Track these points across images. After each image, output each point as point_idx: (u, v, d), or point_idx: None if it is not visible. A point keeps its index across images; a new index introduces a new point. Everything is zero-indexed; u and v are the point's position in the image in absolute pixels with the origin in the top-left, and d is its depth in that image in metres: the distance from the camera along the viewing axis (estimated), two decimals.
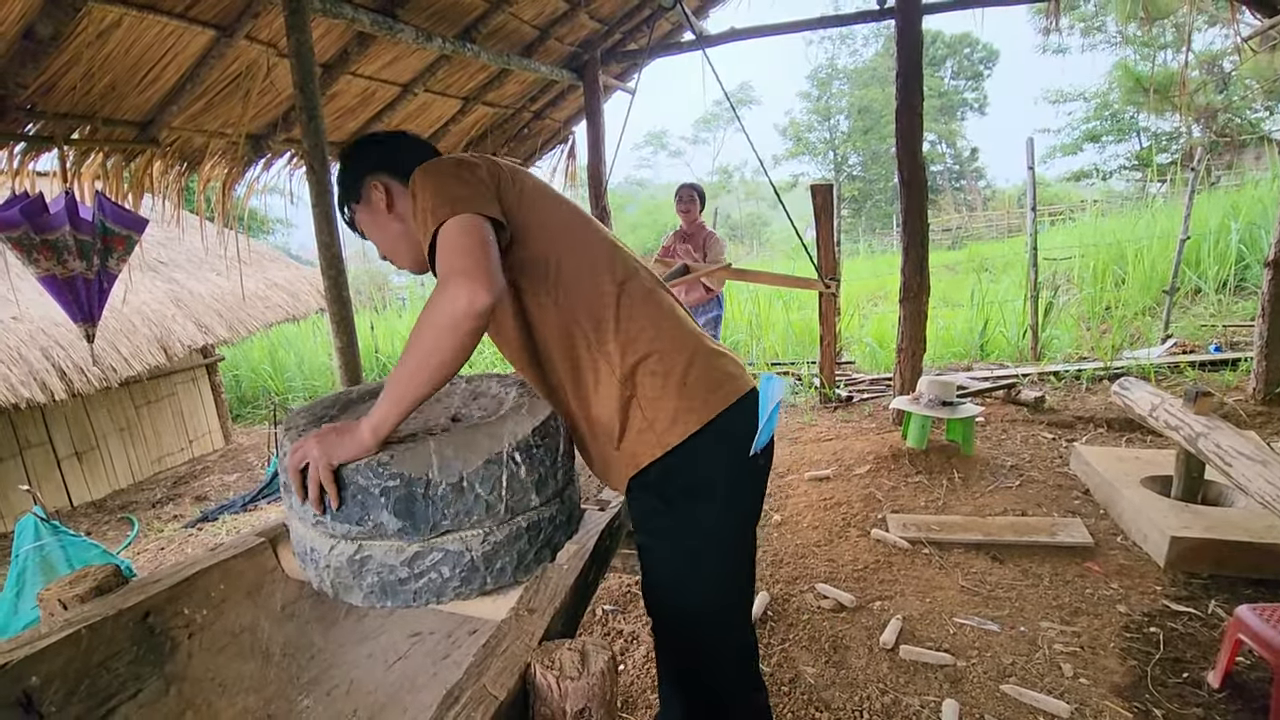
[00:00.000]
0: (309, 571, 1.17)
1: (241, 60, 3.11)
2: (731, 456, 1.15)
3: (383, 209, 1.24)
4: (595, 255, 1.20)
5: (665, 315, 1.19)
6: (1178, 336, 5.84)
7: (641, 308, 1.17)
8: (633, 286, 1.19)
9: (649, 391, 1.13)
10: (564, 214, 1.22)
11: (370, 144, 1.29)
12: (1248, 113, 13.84)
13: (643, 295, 1.19)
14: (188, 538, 4.13)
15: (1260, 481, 2.01)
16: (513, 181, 1.18)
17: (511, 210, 1.14)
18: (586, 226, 1.24)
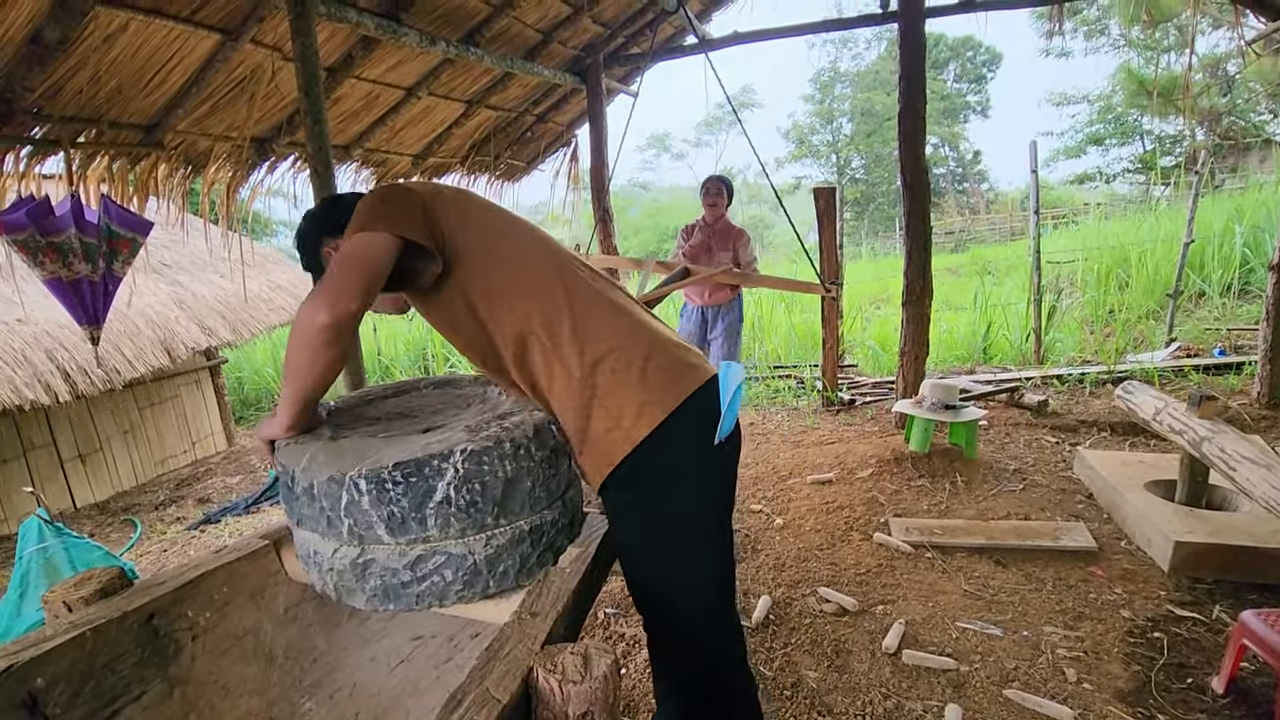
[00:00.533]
0: (312, 574, 1.17)
1: (246, 64, 3.13)
2: (699, 444, 1.16)
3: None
4: (541, 263, 1.22)
5: (619, 312, 1.20)
6: (1182, 340, 5.83)
7: (594, 308, 1.19)
8: (581, 289, 1.21)
9: (610, 388, 1.14)
10: (506, 227, 1.26)
11: (312, 218, 1.36)
12: (1252, 116, 13.81)
13: (593, 296, 1.20)
14: (190, 540, 4.14)
15: (1265, 486, 2.00)
16: (454, 203, 1.22)
17: (453, 230, 1.19)
18: (530, 237, 1.27)
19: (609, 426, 1.13)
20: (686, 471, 1.16)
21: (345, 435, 1.22)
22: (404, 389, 1.59)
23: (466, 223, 1.21)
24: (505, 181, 5.84)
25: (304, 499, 1.09)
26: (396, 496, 1.04)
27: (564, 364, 1.15)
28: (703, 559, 1.22)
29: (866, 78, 28.37)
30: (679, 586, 1.21)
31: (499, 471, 1.10)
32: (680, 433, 1.13)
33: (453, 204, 1.22)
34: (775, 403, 5.52)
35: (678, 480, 1.16)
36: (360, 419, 1.35)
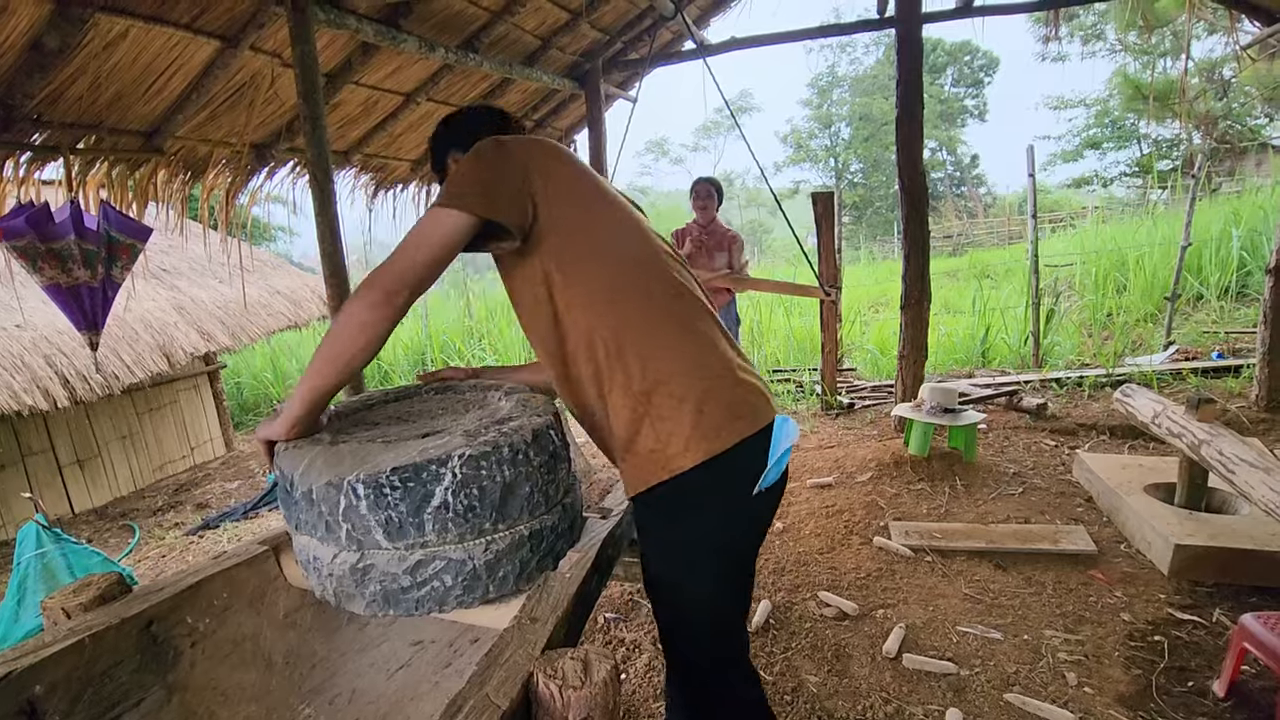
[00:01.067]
0: (311, 580, 1.17)
1: (246, 70, 3.14)
2: (736, 489, 1.15)
3: None
4: (628, 266, 1.19)
5: (691, 337, 1.17)
6: (1180, 343, 5.84)
7: (666, 327, 1.16)
8: (659, 305, 1.17)
9: (663, 413, 1.12)
10: (599, 211, 1.21)
11: (444, 126, 1.40)
12: (1248, 120, 13.87)
13: (668, 314, 1.17)
14: (189, 545, 4.13)
15: (1264, 489, 2.00)
16: (548, 175, 1.17)
17: (542, 204, 1.15)
18: (622, 226, 1.22)
19: (654, 448, 1.13)
20: (717, 513, 1.16)
21: (344, 440, 1.22)
22: (404, 394, 1.59)
23: (562, 204, 1.17)
24: None
25: (303, 504, 1.09)
26: (394, 501, 1.04)
27: (626, 373, 1.14)
28: (715, 593, 1.22)
29: (865, 82, 28.47)
30: (689, 608, 1.23)
31: (497, 476, 1.10)
32: (720, 475, 1.12)
33: (553, 181, 1.17)
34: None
35: (706, 519, 1.16)
36: (360, 424, 1.35)
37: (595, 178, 1.26)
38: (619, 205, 1.25)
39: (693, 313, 1.20)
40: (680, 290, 1.21)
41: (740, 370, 1.20)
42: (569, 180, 1.20)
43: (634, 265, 1.19)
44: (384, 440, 1.21)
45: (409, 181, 4.98)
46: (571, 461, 1.36)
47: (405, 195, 5.04)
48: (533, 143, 1.22)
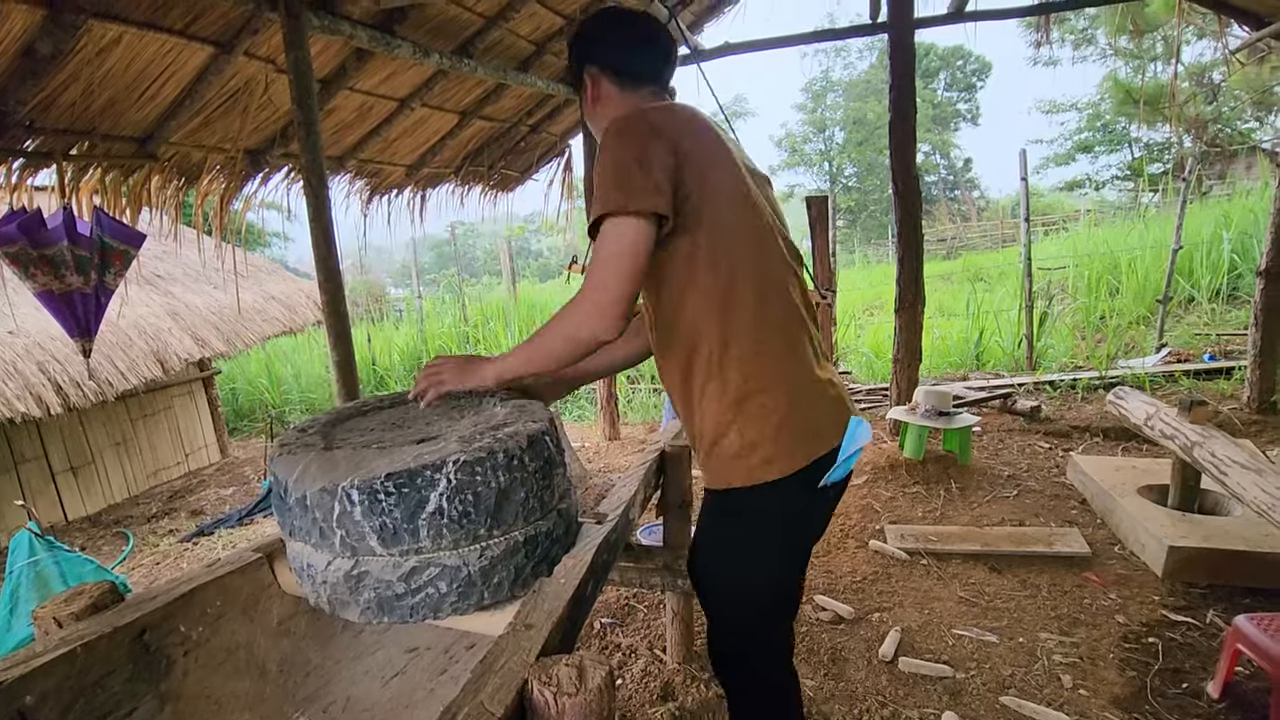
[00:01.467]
0: (305, 587, 1.16)
1: (240, 76, 3.13)
2: (802, 501, 1.22)
3: (590, 100, 1.33)
4: (746, 276, 1.17)
5: (790, 349, 1.20)
6: (1172, 345, 5.87)
7: (771, 340, 1.18)
8: (772, 314, 1.18)
9: (751, 422, 1.17)
10: (729, 209, 1.17)
11: (574, 40, 1.35)
12: (1237, 123, 13.97)
13: (775, 328, 1.19)
14: (183, 552, 4.11)
15: (1256, 490, 2.02)
16: (690, 165, 1.13)
17: (690, 205, 1.13)
18: (751, 237, 1.19)
19: (736, 454, 1.18)
20: (779, 521, 1.23)
21: (339, 446, 1.22)
22: (399, 400, 1.58)
23: (697, 195, 1.13)
24: (499, 191, 5.85)
25: (296, 510, 1.09)
26: (389, 507, 1.04)
27: (723, 380, 1.17)
28: (767, 584, 1.29)
29: (858, 87, 28.60)
30: (731, 599, 1.32)
31: (492, 482, 1.09)
32: (791, 489, 1.18)
33: (698, 171, 1.14)
34: None
35: (768, 525, 1.23)
36: (355, 430, 1.35)
37: (740, 178, 1.21)
38: (753, 210, 1.21)
39: (796, 328, 1.22)
40: (790, 307, 1.22)
41: (825, 385, 1.23)
42: (706, 169, 1.15)
43: (753, 281, 1.17)
44: (379, 446, 1.20)
45: (404, 187, 4.97)
46: (567, 467, 1.36)
47: (400, 200, 5.03)
48: (676, 126, 1.15)
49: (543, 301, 9.39)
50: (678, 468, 2.03)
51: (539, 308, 9.07)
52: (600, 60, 1.30)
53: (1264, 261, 3.96)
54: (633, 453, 4.66)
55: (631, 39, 1.32)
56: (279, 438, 1.26)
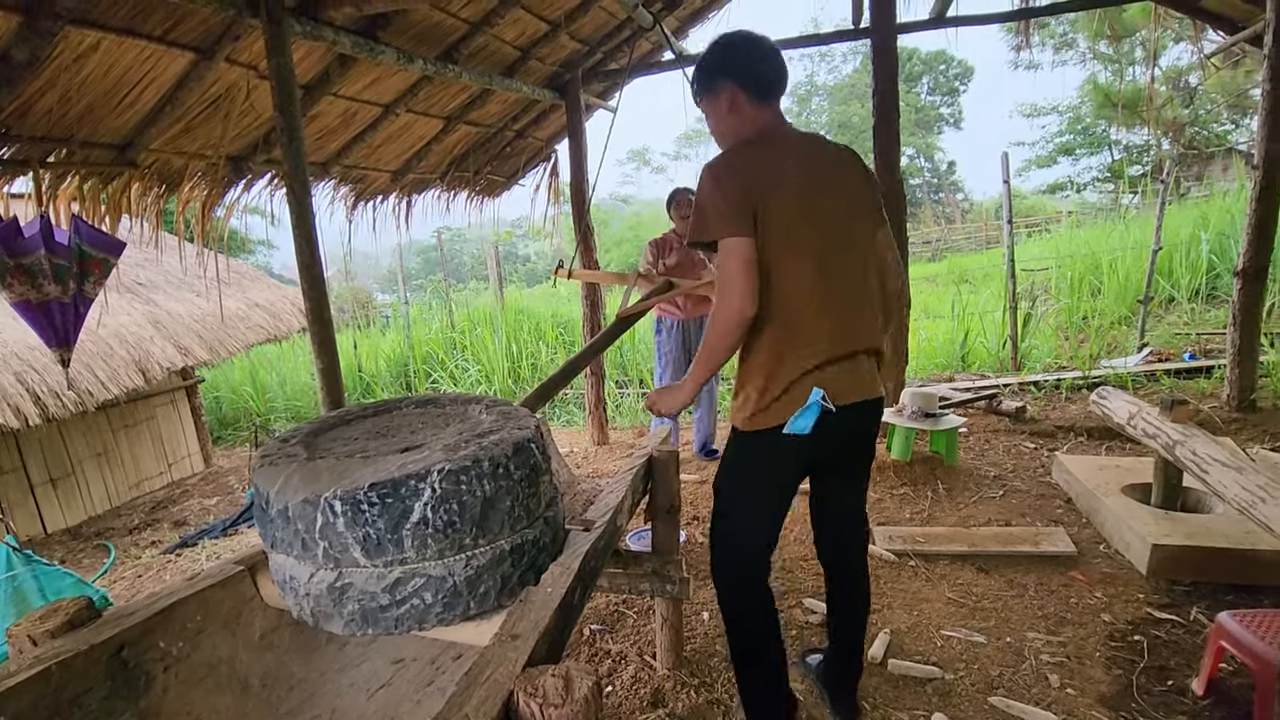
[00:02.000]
0: (288, 600, 1.15)
1: (221, 82, 3.10)
2: (775, 450, 1.62)
3: (725, 111, 1.65)
4: (778, 270, 1.53)
5: (792, 333, 1.56)
6: (1153, 345, 5.95)
7: (795, 343, 1.55)
8: (790, 303, 1.54)
9: (758, 387, 1.59)
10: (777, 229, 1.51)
11: (734, 54, 1.65)
12: (1214, 126, 14.21)
13: (804, 323, 1.55)
14: (166, 564, 4.05)
15: (1236, 488, 2.04)
16: (756, 198, 1.50)
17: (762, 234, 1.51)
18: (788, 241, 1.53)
19: (738, 407, 1.65)
20: (760, 459, 1.67)
21: (322, 456, 1.20)
22: (385, 408, 1.57)
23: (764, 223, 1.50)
24: (485, 196, 5.83)
25: (278, 521, 1.07)
26: (372, 518, 1.03)
27: (754, 349, 1.59)
28: (747, 508, 1.73)
29: (843, 90, 28.83)
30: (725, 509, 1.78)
31: (477, 491, 1.09)
32: (764, 442, 1.62)
33: (762, 203, 1.50)
34: None
35: (753, 460, 1.69)
36: (338, 439, 1.34)
37: (792, 201, 1.53)
38: (795, 227, 1.53)
39: (808, 318, 1.55)
40: (806, 302, 1.55)
41: (821, 369, 1.56)
42: (774, 203, 1.51)
43: (781, 282, 1.53)
44: (362, 456, 1.19)
45: (389, 193, 4.95)
46: (554, 474, 1.36)
47: (385, 206, 5.00)
48: (761, 164, 1.54)
49: (530, 307, 9.36)
50: (665, 473, 2.03)
51: (526, 313, 9.04)
52: (740, 76, 1.61)
53: (1241, 262, 4.02)
54: (621, 458, 4.65)
55: (763, 59, 1.64)
56: (261, 448, 1.25)
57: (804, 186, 1.54)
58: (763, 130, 1.62)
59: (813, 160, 1.61)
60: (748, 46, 1.65)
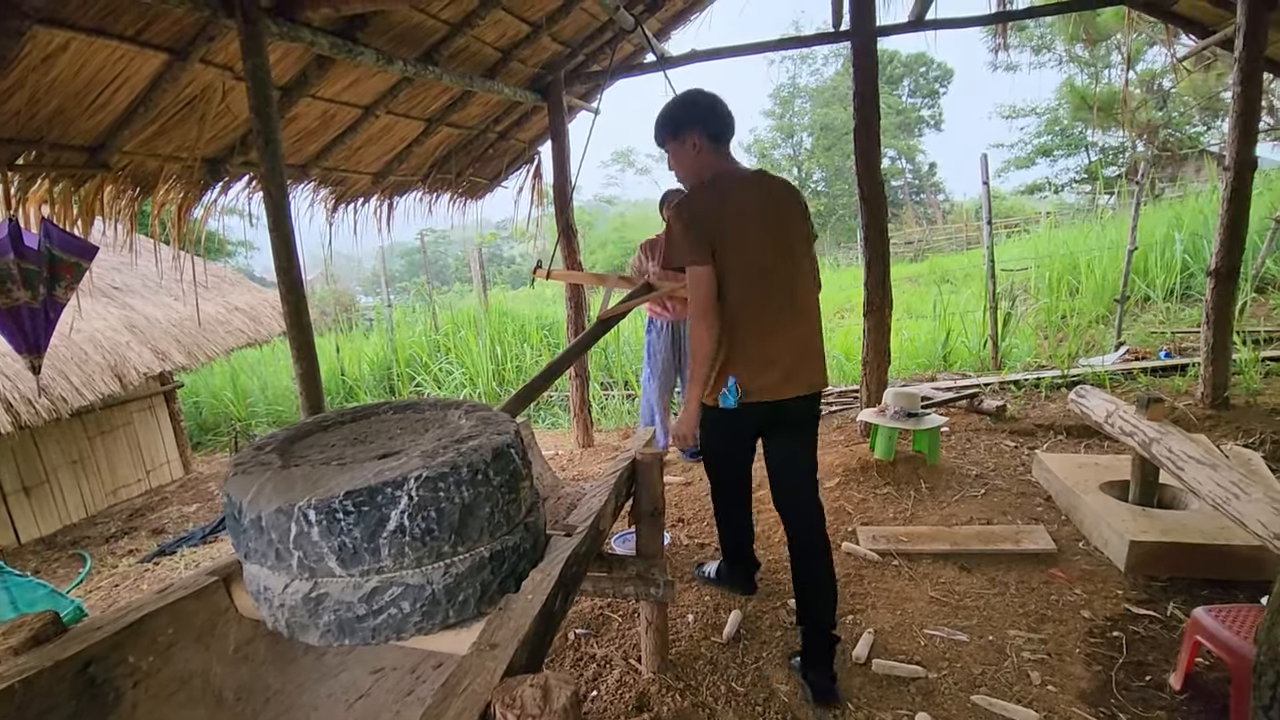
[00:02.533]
0: (263, 611, 1.13)
1: (196, 84, 3.05)
2: (720, 419, 2.14)
3: (691, 153, 2.08)
4: (735, 289, 1.98)
5: (743, 340, 2.01)
6: (1130, 344, 6.04)
7: (736, 333, 2.01)
8: (746, 315, 1.99)
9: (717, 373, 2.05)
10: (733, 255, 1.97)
11: (697, 108, 2.08)
12: (1186, 128, 14.49)
13: (742, 324, 2.00)
14: (144, 573, 3.97)
15: (1210, 484, 2.07)
16: (715, 231, 1.95)
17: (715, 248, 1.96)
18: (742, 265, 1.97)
19: (712, 390, 2.07)
20: (710, 423, 2.21)
21: (297, 464, 1.18)
22: (363, 413, 1.55)
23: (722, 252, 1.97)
24: (468, 199, 5.80)
25: (252, 531, 1.05)
26: (348, 527, 1.01)
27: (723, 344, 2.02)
28: (711, 453, 2.41)
29: (825, 93, 29.02)
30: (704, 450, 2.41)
31: (456, 498, 1.07)
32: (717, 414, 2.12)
33: (720, 234, 1.95)
34: None
35: (710, 423, 2.21)
36: (315, 446, 1.32)
37: (747, 233, 1.98)
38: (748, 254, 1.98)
39: (762, 329, 2.00)
40: (760, 314, 2.00)
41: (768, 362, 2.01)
42: (731, 237, 1.96)
43: (738, 298, 1.98)
44: (339, 463, 1.17)
45: (370, 195, 4.90)
46: (535, 479, 1.35)
47: (367, 209, 4.95)
48: (714, 206, 1.98)
49: (515, 309, 9.32)
50: (649, 476, 2.02)
51: (511, 316, 9.00)
52: (702, 125, 2.05)
53: (1214, 262, 4.09)
54: (606, 460, 4.63)
55: (720, 112, 2.06)
56: (234, 457, 1.22)
57: (750, 224, 1.97)
58: (718, 171, 2.05)
59: (758, 198, 2.02)
60: (707, 101, 2.07)
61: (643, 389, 4.52)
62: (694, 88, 2.12)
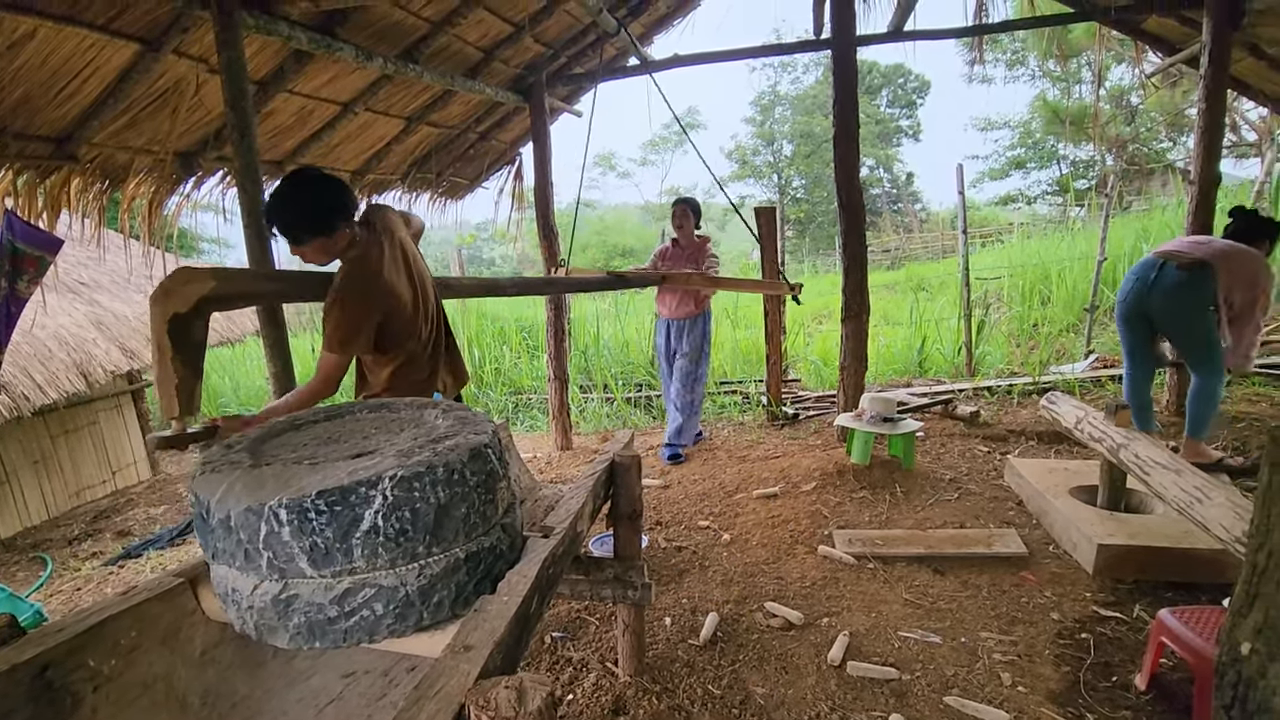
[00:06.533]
0: (230, 613, 1.10)
1: (170, 75, 2.99)
2: None
3: (340, 246, 1.95)
4: (406, 364, 2.14)
5: (411, 379, 2.15)
6: (1099, 352, 6.17)
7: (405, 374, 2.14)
8: (412, 366, 2.15)
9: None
10: (394, 323, 2.04)
11: (347, 198, 1.95)
12: (1154, 143, 14.89)
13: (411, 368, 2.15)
14: (108, 576, 3.87)
15: (1175, 489, 2.12)
16: (381, 312, 1.97)
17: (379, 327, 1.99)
18: (411, 325, 2.09)
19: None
20: None
21: (268, 463, 1.16)
22: (337, 413, 1.52)
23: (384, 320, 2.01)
24: (448, 199, 5.75)
25: (220, 531, 1.03)
26: (320, 526, 0.99)
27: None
28: None
29: (805, 101, 29.31)
30: None
31: (431, 498, 1.06)
32: None
33: (381, 313, 1.98)
34: (722, 418, 5.57)
35: None
36: (286, 445, 1.29)
37: (407, 288, 2.06)
38: (405, 312, 2.05)
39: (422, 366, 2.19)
40: (415, 366, 2.16)
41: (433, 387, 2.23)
42: (388, 313, 1.99)
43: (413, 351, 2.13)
44: (311, 462, 1.15)
45: None
46: (513, 479, 1.33)
47: None
48: (373, 290, 1.94)
49: (494, 311, 9.25)
50: (627, 478, 2.02)
51: (490, 317, 8.94)
52: (349, 216, 1.95)
53: None
54: (585, 463, 4.62)
55: (349, 194, 1.99)
56: (202, 455, 1.20)
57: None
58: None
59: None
60: (342, 188, 1.97)
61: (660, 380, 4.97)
62: (313, 172, 1.97)
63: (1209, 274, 3.20)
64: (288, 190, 1.88)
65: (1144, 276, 3.39)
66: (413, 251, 2.21)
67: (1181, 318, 3.28)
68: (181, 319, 1.57)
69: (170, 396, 1.53)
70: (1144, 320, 3.48)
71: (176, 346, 1.55)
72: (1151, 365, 3.64)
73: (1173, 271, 3.28)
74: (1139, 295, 3.40)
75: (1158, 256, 3.40)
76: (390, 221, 2.14)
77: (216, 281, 1.65)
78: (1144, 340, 3.56)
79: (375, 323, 1.95)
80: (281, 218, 1.89)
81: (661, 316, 4.57)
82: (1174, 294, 3.27)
